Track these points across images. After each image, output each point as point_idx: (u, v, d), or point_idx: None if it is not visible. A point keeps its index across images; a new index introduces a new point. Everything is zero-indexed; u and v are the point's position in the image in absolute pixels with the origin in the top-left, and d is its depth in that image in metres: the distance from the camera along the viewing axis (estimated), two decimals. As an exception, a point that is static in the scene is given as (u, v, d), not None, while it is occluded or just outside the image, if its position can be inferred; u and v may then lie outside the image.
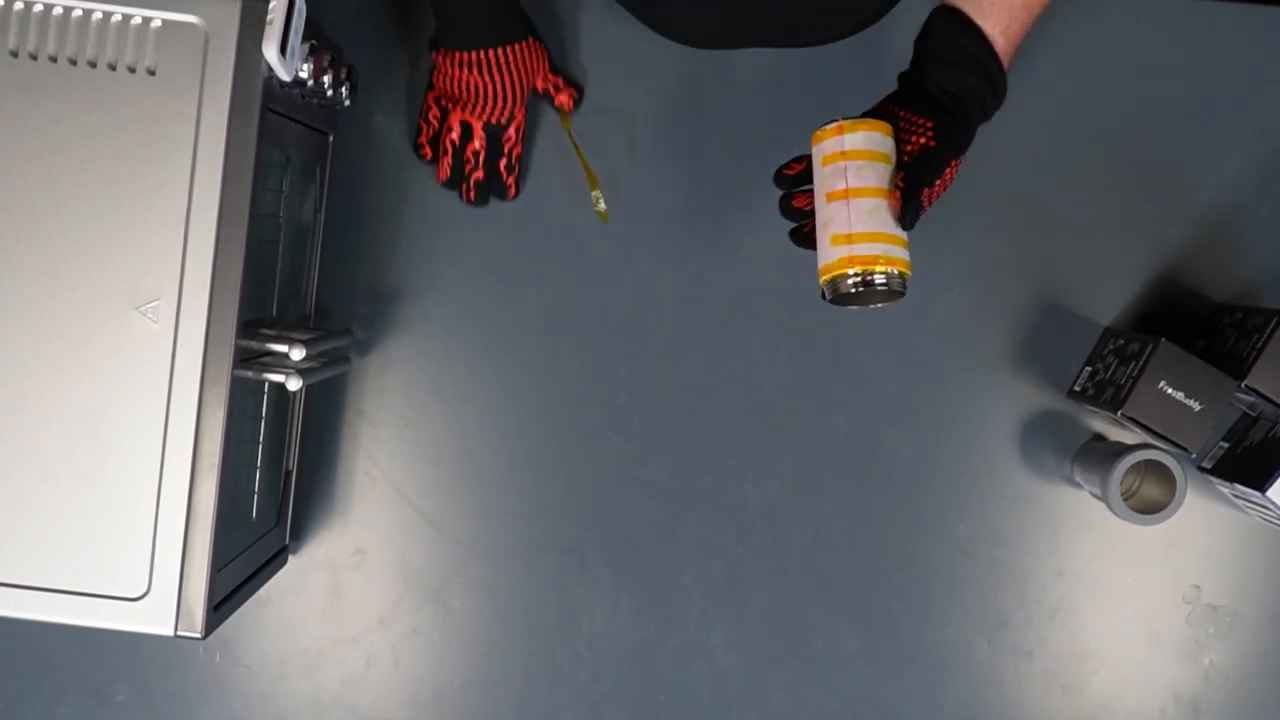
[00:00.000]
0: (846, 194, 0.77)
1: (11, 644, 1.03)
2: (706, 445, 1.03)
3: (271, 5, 0.76)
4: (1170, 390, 0.93)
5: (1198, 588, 1.03)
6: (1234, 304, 1.01)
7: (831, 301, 0.80)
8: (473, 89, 0.93)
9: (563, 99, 0.99)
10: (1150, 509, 0.95)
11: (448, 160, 0.98)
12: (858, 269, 0.76)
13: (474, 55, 0.91)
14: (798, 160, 0.83)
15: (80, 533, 0.77)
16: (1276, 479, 0.92)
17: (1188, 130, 1.03)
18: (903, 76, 0.82)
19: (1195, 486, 1.02)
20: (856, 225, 0.76)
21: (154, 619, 0.77)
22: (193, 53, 0.76)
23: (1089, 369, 1.02)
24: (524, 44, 0.93)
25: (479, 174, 0.98)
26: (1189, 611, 1.03)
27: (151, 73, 0.76)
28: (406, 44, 1.03)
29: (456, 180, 0.99)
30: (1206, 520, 1.03)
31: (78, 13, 0.76)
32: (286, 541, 1.02)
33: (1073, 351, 1.03)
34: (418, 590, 1.03)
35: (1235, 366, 0.94)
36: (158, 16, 0.76)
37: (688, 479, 1.03)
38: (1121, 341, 0.99)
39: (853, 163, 0.77)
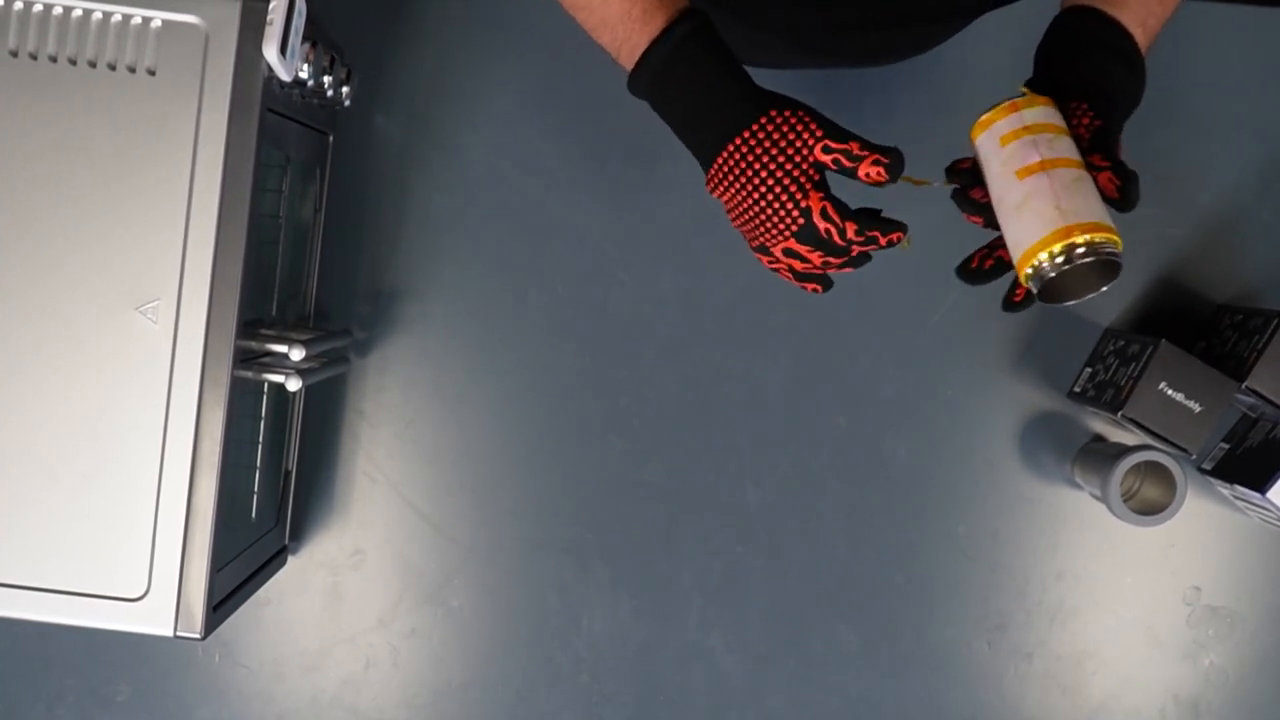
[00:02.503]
0: (1043, 165, 0.67)
1: (11, 644, 1.03)
2: (706, 445, 1.03)
3: (271, 5, 0.76)
4: (1170, 391, 0.93)
5: (1198, 589, 1.03)
6: (1234, 305, 1.01)
7: (1042, 294, 0.69)
8: (744, 211, 0.72)
9: (868, 170, 0.70)
10: (1150, 510, 0.95)
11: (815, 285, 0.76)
12: (1084, 237, 0.65)
13: (714, 168, 0.72)
14: (962, 160, 0.75)
15: (80, 533, 0.77)
16: (1276, 480, 0.92)
17: (1188, 131, 1.03)
18: (1033, 82, 0.75)
19: (1195, 488, 1.01)
20: (1064, 195, 0.66)
21: (153, 619, 0.77)
22: (193, 53, 0.76)
23: (1089, 370, 1.02)
24: (769, 121, 0.69)
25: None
26: (1189, 613, 1.03)
27: (151, 73, 0.76)
28: (407, 44, 1.03)
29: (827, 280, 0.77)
30: (1206, 522, 1.03)
31: (78, 13, 0.76)
32: (286, 542, 1.02)
33: (1073, 352, 1.03)
34: (417, 590, 1.03)
35: (1235, 368, 0.94)
36: (158, 16, 0.76)
37: (688, 479, 1.03)
38: (1122, 342, 0.99)
39: (1041, 135, 0.68)
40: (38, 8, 0.76)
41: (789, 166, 0.69)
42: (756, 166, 0.69)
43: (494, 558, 1.03)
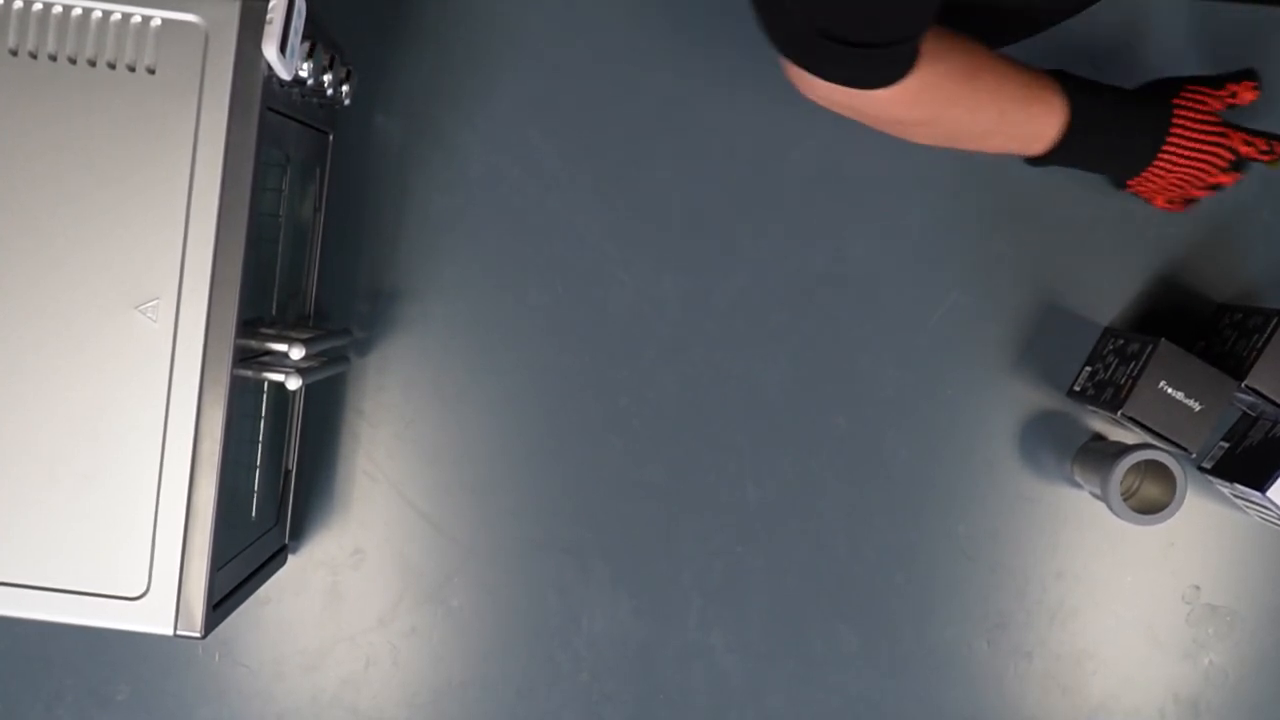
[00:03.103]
0: None
1: (11, 644, 1.03)
2: (706, 445, 1.03)
3: (271, 4, 0.76)
4: (1170, 390, 0.93)
5: (1197, 588, 1.03)
6: (1234, 304, 1.01)
7: None
8: (1179, 182, 0.91)
9: (1246, 97, 0.91)
10: (1150, 509, 0.95)
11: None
12: None
13: (1159, 167, 0.89)
14: None
15: (80, 532, 0.77)
16: (1276, 479, 0.91)
17: (1188, 130, 1.03)
18: None
19: (1195, 487, 1.01)
20: None
21: (153, 618, 0.77)
22: (192, 52, 0.76)
23: (1089, 369, 1.02)
24: (1180, 113, 0.87)
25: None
26: (1189, 612, 1.03)
27: (151, 72, 0.76)
28: (407, 44, 1.03)
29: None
30: (1206, 520, 1.03)
31: (77, 11, 0.76)
32: (286, 541, 1.02)
33: (1073, 351, 1.03)
34: (417, 590, 1.03)
35: (1235, 366, 0.94)
36: (157, 15, 0.76)
37: (688, 479, 1.03)
38: (1121, 341, 0.99)
39: None
40: (37, 6, 0.76)
41: (1210, 129, 0.87)
42: (1192, 147, 0.87)
43: (494, 558, 1.03)
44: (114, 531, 0.77)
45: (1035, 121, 0.83)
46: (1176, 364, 0.93)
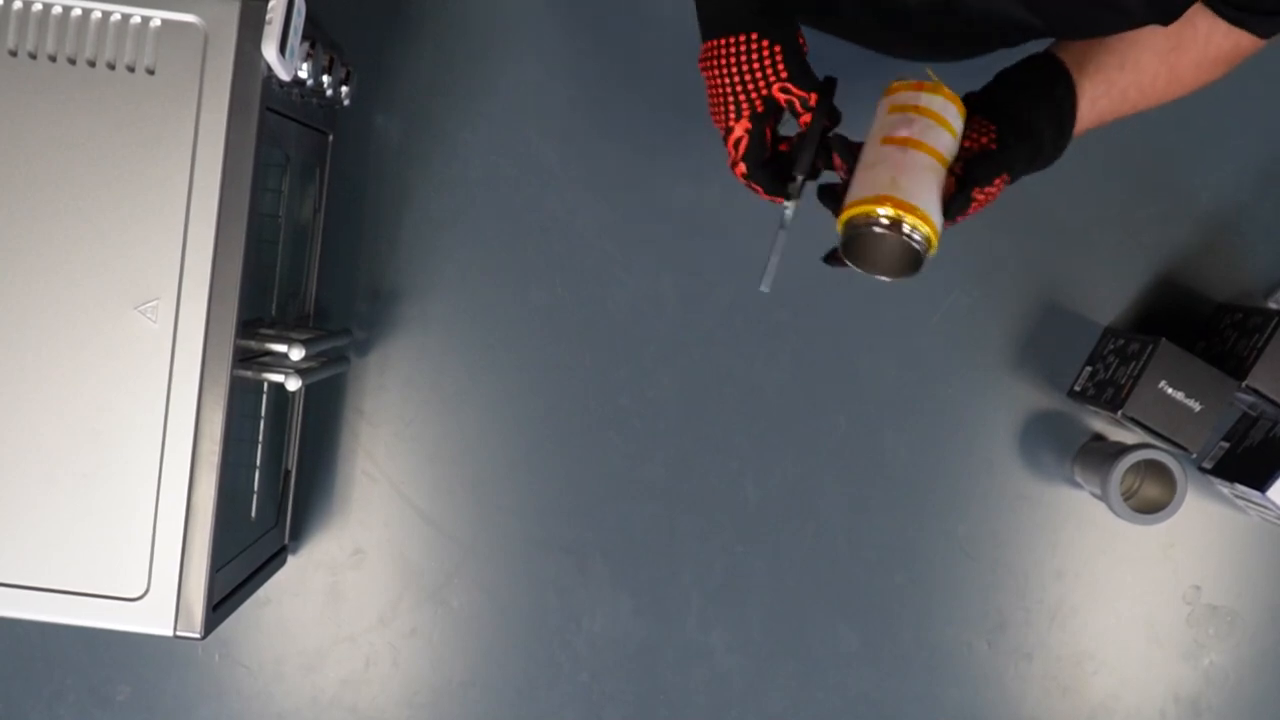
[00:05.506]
0: (906, 142, 0.69)
1: (11, 644, 1.03)
2: (706, 445, 1.03)
3: (271, 5, 0.76)
4: (1170, 390, 0.93)
5: (1198, 588, 1.03)
6: (1234, 304, 1.01)
7: (842, 250, 0.71)
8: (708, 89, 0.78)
9: (806, 119, 0.74)
10: (1150, 509, 0.95)
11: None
12: (890, 210, 0.67)
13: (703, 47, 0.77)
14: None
15: (80, 533, 0.77)
16: (1276, 479, 0.91)
17: (1188, 131, 1.03)
18: (975, 95, 0.78)
19: (1195, 486, 1.01)
20: (905, 171, 0.68)
21: (153, 619, 0.77)
22: (192, 52, 0.76)
23: (1089, 369, 1.02)
24: (738, 38, 0.74)
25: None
26: (1189, 612, 1.03)
27: (151, 72, 0.76)
28: (406, 44, 1.03)
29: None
30: (1206, 520, 1.03)
31: (77, 12, 0.76)
32: (285, 541, 1.02)
33: (1073, 351, 1.03)
34: (417, 590, 1.03)
35: (1235, 366, 0.94)
36: (157, 16, 0.76)
37: (688, 479, 1.03)
38: (1122, 341, 0.99)
39: (922, 118, 0.70)
40: (37, 7, 0.76)
41: (738, 89, 0.75)
42: (716, 74, 0.76)
43: (494, 557, 1.03)
44: (114, 532, 0.77)
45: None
46: (1176, 364, 0.93)
